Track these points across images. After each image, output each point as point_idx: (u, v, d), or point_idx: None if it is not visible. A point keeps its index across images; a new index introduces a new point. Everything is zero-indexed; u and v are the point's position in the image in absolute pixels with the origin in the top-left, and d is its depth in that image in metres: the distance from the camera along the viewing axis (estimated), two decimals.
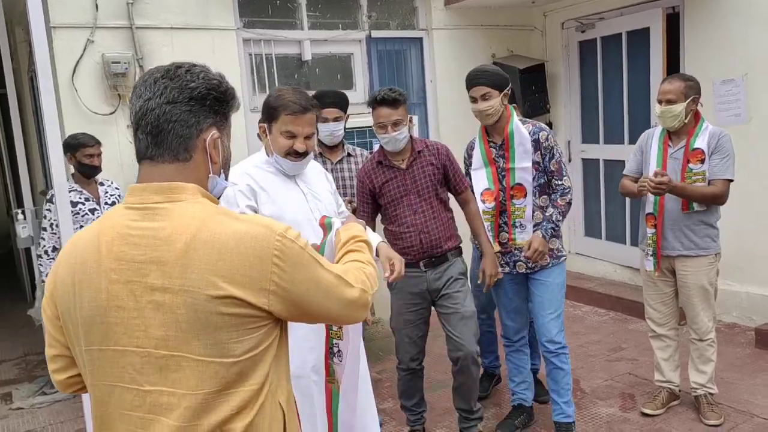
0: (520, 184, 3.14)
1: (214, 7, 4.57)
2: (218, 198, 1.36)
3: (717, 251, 3.31)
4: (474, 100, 3.09)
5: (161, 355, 1.20)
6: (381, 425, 3.56)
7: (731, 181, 3.20)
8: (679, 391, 3.56)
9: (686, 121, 3.21)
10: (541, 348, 3.29)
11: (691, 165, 3.20)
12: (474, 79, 3.08)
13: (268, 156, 2.43)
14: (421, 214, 3.06)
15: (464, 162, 3.36)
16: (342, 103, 3.62)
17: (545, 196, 3.19)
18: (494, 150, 3.19)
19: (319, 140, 3.53)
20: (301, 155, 2.35)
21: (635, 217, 5.29)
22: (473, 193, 3.23)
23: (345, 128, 3.71)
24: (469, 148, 3.33)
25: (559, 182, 3.16)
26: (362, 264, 1.51)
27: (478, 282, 3.18)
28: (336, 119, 3.57)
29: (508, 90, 3.10)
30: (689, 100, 3.17)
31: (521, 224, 3.16)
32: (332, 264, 1.39)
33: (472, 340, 3.08)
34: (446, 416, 3.67)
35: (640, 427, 3.39)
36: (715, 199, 3.20)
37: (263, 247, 1.20)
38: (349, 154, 3.71)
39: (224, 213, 1.25)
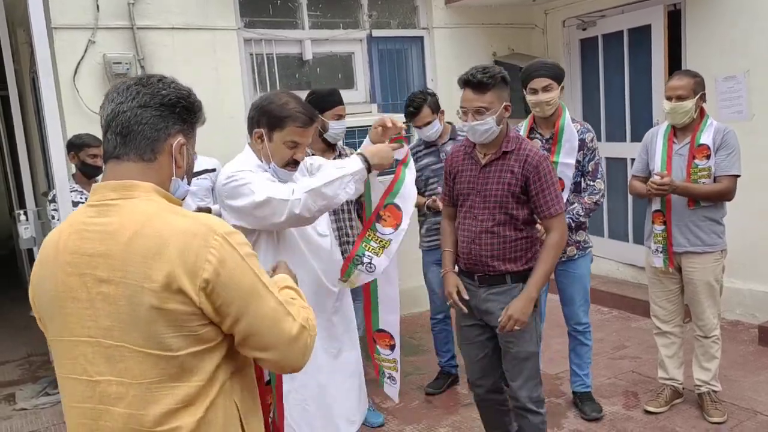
0: (560, 179, 3.21)
1: (215, 7, 4.57)
2: (182, 200, 1.40)
3: (723, 248, 3.30)
4: (534, 91, 3.21)
5: (108, 345, 1.25)
6: (382, 425, 3.57)
7: (738, 176, 3.19)
8: (683, 388, 3.55)
9: (695, 117, 3.21)
10: (568, 327, 3.54)
11: (696, 161, 3.20)
12: (536, 72, 3.22)
13: (260, 161, 2.33)
14: (479, 222, 2.59)
15: None
16: (341, 101, 3.62)
17: (576, 194, 3.31)
18: (539, 142, 3.29)
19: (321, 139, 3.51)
20: (296, 164, 2.34)
21: (638, 215, 5.29)
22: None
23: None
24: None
25: (593, 183, 3.31)
26: (303, 303, 1.42)
27: (499, 322, 2.56)
28: (339, 117, 3.56)
29: (563, 84, 3.26)
30: (698, 96, 3.17)
31: None
32: (274, 286, 1.35)
33: (526, 387, 2.64)
34: (449, 416, 3.67)
35: (644, 424, 3.39)
36: (722, 196, 3.19)
37: (200, 245, 1.22)
38: (340, 153, 3.69)
39: (172, 210, 1.29)
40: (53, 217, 3.90)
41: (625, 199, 5.45)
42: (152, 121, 1.32)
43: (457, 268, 2.76)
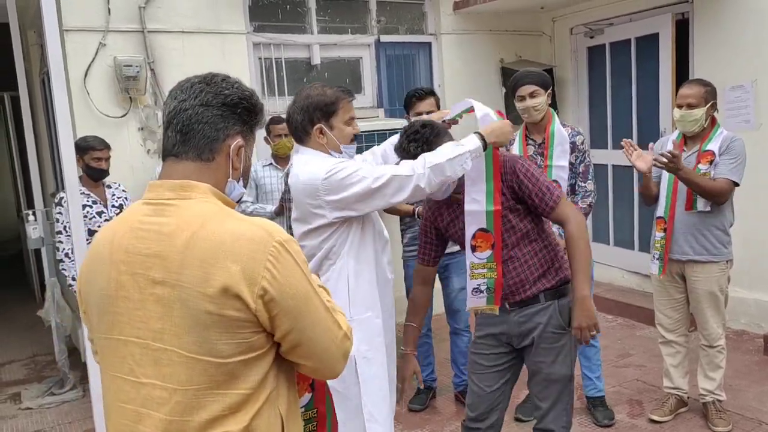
0: (555, 181, 3.26)
1: (225, 11, 4.61)
2: (237, 202, 1.39)
3: (728, 258, 3.29)
4: (522, 98, 3.30)
5: (157, 348, 1.23)
6: None
7: (736, 184, 3.17)
8: (688, 398, 3.54)
9: (705, 125, 3.21)
10: None
11: (699, 165, 3.19)
12: (522, 79, 3.30)
13: (330, 155, 2.35)
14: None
15: None
16: None
17: (572, 197, 3.35)
18: (533, 147, 3.36)
19: None
20: (356, 138, 2.44)
21: (643, 223, 5.29)
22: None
23: None
24: (509, 144, 3.46)
25: (584, 184, 3.35)
26: (341, 312, 1.39)
27: (576, 339, 2.35)
28: None
29: (551, 90, 3.36)
30: (708, 105, 3.18)
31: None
32: (325, 295, 1.34)
33: (555, 410, 2.43)
34: (452, 421, 3.67)
35: None
36: (714, 195, 3.14)
37: (258, 250, 1.20)
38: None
39: (228, 213, 1.27)
40: (57, 220, 3.92)
41: (631, 207, 5.45)
42: (213, 121, 1.31)
43: None
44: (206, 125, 1.31)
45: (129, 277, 1.25)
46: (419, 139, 2.35)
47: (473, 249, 2.38)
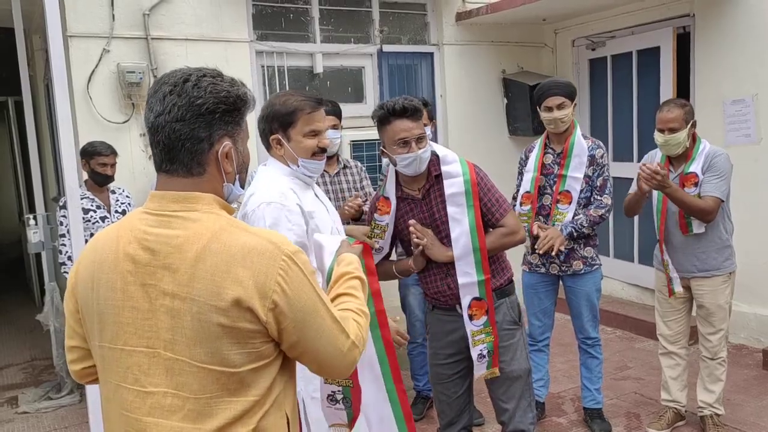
0: (567, 191, 3.32)
1: (229, 19, 4.64)
2: (232, 203, 1.38)
3: (731, 270, 3.30)
4: (549, 109, 3.32)
5: (168, 357, 1.23)
6: None
7: (722, 201, 3.15)
8: (685, 411, 3.53)
9: (687, 145, 3.20)
10: (577, 341, 3.59)
11: (685, 189, 3.18)
12: (550, 90, 3.33)
13: (289, 167, 2.26)
14: None
15: (519, 163, 3.57)
16: (338, 112, 3.60)
17: (585, 208, 3.37)
18: (551, 156, 3.41)
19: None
20: (324, 151, 2.28)
21: (643, 236, 5.29)
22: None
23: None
24: (528, 151, 3.54)
25: (600, 197, 3.36)
26: (356, 315, 1.44)
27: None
28: (333, 127, 3.56)
29: (576, 101, 3.40)
30: (689, 125, 3.16)
31: (559, 227, 3.32)
32: (333, 306, 1.36)
33: (521, 407, 2.53)
34: None
35: None
36: (702, 214, 3.14)
37: (269, 264, 1.22)
38: (345, 166, 3.69)
39: (236, 225, 1.28)
40: (61, 223, 3.94)
41: (631, 220, 5.45)
42: (192, 135, 1.27)
43: (431, 305, 2.65)
44: (187, 141, 1.27)
45: (138, 287, 1.25)
46: (409, 99, 2.42)
47: (470, 318, 2.48)
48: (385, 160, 3.89)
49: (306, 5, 5.05)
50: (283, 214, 2.11)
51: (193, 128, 1.27)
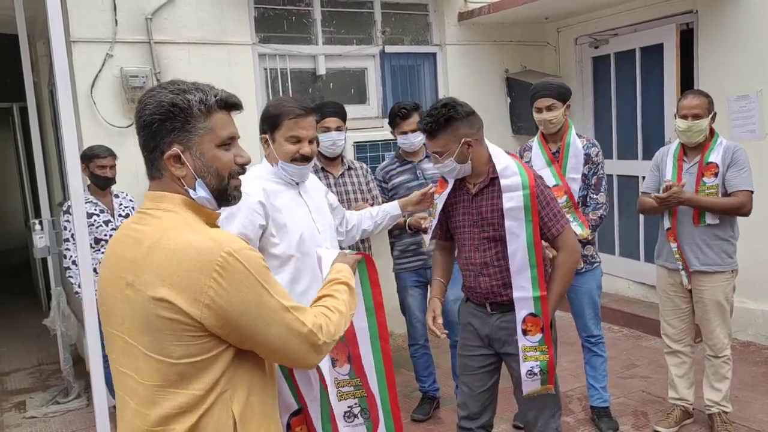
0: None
1: (231, 22, 4.65)
2: (214, 209, 1.47)
3: (734, 267, 3.29)
4: (539, 110, 3.33)
5: (129, 342, 1.35)
6: None
7: (752, 192, 3.19)
8: (693, 409, 3.52)
9: (707, 135, 3.23)
10: (581, 339, 3.57)
11: (705, 179, 3.20)
12: (540, 91, 3.33)
13: (272, 166, 2.37)
14: (482, 253, 2.50)
15: None
16: (342, 114, 3.61)
17: (583, 208, 3.37)
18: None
19: (319, 153, 3.49)
20: (307, 159, 2.33)
21: (649, 233, 5.27)
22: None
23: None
24: (522, 150, 3.51)
25: (595, 196, 3.36)
26: (326, 309, 1.51)
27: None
28: (338, 128, 3.56)
29: (569, 102, 3.37)
30: (711, 115, 3.20)
31: None
32: (287, 296, 1.39)
33: (543, 419, 2.53)
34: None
35: None
36: (736, 211, 3.18)
37: (205, 260, 1.28)
38: (349, 168, 3.69)
39: (188, 224, 1.36)
40: (65, 228, 3.95)
41: (636, 217, 5.43)
42: (145, 146, 1.42)
43: (466, 297, 2.68)
44: (144, 150, 1.43)
45: (115, 278, 1.38)
46: (433, 116, 2.45)
47: (524, 333, 2.44)
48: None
49: (308, 7, 5.06)
50: (237, 208, 2.09)
51: (144, 140, 1.42)
